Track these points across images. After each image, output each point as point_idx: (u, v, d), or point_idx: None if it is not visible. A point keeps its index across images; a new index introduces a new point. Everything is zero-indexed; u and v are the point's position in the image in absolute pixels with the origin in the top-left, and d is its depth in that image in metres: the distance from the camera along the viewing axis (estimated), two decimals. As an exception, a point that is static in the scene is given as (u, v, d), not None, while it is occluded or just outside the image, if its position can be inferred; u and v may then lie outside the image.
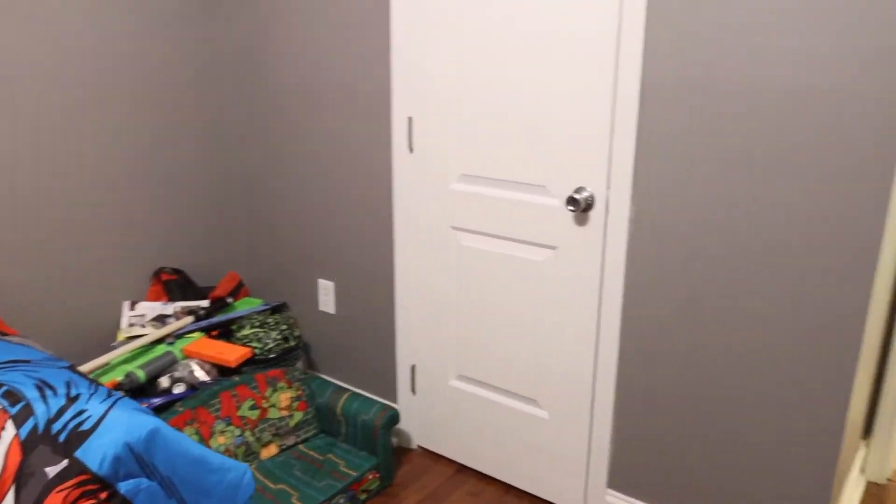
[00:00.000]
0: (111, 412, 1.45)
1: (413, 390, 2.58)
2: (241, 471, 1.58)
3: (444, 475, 2.49)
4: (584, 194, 1.99)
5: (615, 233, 1.97)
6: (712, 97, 1.74)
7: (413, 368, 2.56)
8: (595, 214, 2.01)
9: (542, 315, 2.18)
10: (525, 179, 2.12)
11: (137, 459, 1.41)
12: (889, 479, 2.44)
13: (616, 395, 2.09)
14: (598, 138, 1.95)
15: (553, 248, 2.11)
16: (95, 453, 1.37)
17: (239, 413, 2.33)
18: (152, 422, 1.45)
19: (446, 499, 2.36)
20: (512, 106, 2.08)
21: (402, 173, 2.38)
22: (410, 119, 2.31)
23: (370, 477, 2.34)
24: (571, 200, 1.97)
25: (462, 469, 2.52)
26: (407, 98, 2.30)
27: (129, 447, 1.40)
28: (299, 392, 2.48)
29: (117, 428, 1.41)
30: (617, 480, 2.15)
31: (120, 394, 1.54)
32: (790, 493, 1.84)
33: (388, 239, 2.49)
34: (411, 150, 2.34)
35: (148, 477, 1.43)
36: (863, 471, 2.42)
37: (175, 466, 1.46)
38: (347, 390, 2.49)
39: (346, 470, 2.31)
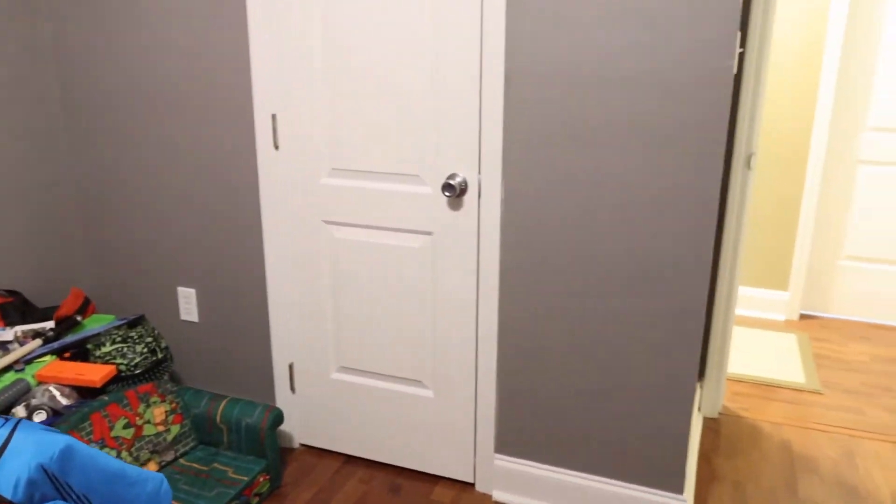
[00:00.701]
0: (15, 435, 1.33)
1: (292, 389, 2.57)
2: (159, 481, 1.52)
3: (332, 469, 2.51)
4: (458, 179, 2.12)
5: (488, 214, 2.12)
6: (568, 84, 1.94)
7: (291, 367, 2.55)
8: (468, 198, 2.14)
9: (422, 298, 2.28)
10: (397, 170, 2.20)
11: (52, 480, 1.32)
12: (720, 413, 2.83)
13: (498, 367, 2.24)
14: (467, 126, 2.08)
15: (429, 233, 2.22)
16: (7, 479, 1.26)
17: (113, 434, 2.19)
18: (63, 439, 1.36)
19: (339, 490, 2.39)
20: (380, 98, 2.16)
21: (268, 172, 2.36)
22: (274, 116, 2.30)
23: (261, 480, 2.30)
24: (447, 187, 2.09)
25: (350, 460, 2.56)
26: (269, 94, 2.29)
27: (42, 468, 1.30)
28: (174, 405, 2.37)
29: (26, 450, 1.31)
30: (504, 445, 2.31)
31: (18, 417, 1.42)
32: (656, 435, 2.09)
33: (258, 239, 2.45)
34: (277, 147, 2.33)
35: (63, 498, 1.34)
36: (699, 408, 2.78)
37: (92, 483, 1.38)
38: (224, 397, 2.43)
39: (235, 476, 2.26)
